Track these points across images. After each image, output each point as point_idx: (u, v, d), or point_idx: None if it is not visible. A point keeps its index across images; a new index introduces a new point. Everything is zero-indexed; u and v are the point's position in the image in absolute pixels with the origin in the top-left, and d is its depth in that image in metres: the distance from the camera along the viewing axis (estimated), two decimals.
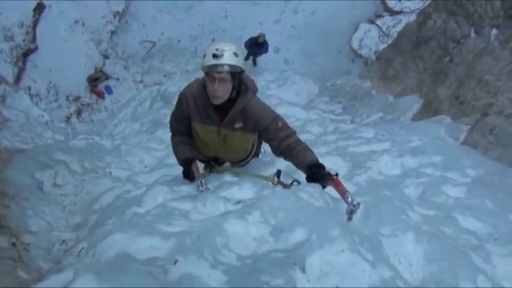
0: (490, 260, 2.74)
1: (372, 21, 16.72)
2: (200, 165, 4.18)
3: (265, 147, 5.16)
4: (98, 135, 9.63)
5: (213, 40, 16.85)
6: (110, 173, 6.39)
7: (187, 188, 3.67)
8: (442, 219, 3.28)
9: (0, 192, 4.32)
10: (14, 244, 3.56)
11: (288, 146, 3.63)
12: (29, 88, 13.90)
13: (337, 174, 3.35)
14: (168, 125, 4.03)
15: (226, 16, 17.25)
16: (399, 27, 13.68)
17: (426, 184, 4.49)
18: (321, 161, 3.59)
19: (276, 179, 3.72)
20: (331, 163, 4.48)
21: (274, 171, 3.82)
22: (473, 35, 7.87)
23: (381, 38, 16.09)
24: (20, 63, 13.98)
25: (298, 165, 3.64)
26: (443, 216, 3.36)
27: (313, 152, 3.64)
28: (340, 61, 16.25)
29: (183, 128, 3.86)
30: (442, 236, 2.88)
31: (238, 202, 3.04)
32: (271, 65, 15.68)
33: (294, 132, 3.74)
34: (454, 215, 3.42)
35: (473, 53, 7.55)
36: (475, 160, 5.28)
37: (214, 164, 4.26)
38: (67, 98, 15.11)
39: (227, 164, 4.37)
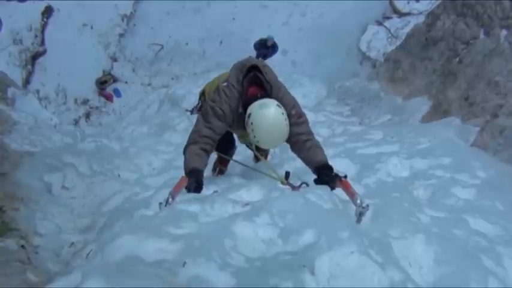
0: (501, 262, 2.71)
1: (380, 23, 16.68)
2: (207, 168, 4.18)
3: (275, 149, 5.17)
4: (106, 138, 9.62)
5: (220, 43, 16.89)
6: (119, 175, 6.39)
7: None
8: (452, 221, 3.25)
9: (9, 195, 4.33)
10: (23, 246, 3.57)
11: (297, 135, 3.66)
12: (38, 91, 13.96)
13: (345, 176, 3.34)
14: (192, 134, 3.80)
15: (234, 19, 17.27)
16: (407, 29, 13.59)
17: (436, 186, 4.46)
18: (330, 163, 3.58)
19: (284, 180, 3.72)
20: (339, 165, 4.46)
21: (283, 173, 3.82)
22: (482, 36, 7.81)
23: (389, 39, 16.04)
24: (29, 67, 14.07)
25: (306, 163, 3.64)
26: (453, 218, 3.33)
27: (323, 151, 3.64)
28: (348, 63, 16.20)
29: (216, 134, 3.74)
30: (452, 238, 2.86)
31: (247, 204, 3.03)
32: (279, 67, 15.41)
33: (306, 122, 3.80)
34: (464, 217, 3.39)
35: (482, 54, 7.48)
36: (484, 162, 5.24)
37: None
38: (75, 101, 15.19)
39: None
